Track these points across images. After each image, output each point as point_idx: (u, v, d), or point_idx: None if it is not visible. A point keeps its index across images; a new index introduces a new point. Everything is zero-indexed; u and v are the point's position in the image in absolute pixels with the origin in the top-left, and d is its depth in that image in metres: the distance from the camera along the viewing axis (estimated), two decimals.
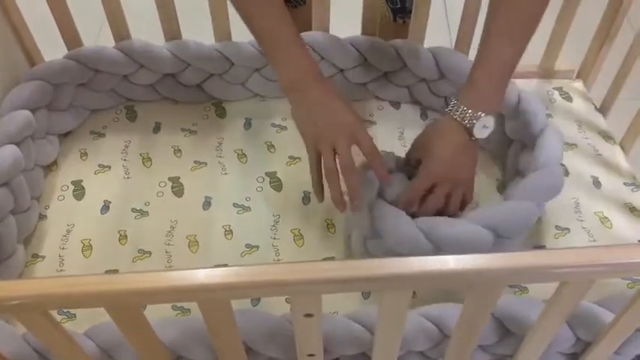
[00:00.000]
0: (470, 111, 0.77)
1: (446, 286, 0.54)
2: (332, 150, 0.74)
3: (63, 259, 0.86)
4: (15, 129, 0.87)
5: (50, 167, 0.98)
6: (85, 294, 0.51)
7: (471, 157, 0.81)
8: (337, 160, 0.75)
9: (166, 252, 0.87)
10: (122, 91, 1.05)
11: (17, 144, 0.87)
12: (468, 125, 0.77)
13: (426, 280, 0.52)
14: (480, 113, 0.77)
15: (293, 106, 0.80)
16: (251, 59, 1.02)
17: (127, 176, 0.97)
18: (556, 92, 1.11)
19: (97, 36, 1.57)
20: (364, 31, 1.05)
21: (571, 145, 1.02)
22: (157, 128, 1.04)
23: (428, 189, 0.78)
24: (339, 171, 0.75)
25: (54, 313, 0.77)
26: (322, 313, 0.57)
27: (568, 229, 0.91)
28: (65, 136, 1.02)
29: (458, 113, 0.78)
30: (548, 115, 1.06)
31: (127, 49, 1.00)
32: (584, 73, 1.12)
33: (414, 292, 0.80)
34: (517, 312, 0.69)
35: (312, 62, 0.79)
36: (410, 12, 1.07)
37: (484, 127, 0.78)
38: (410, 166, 0.84)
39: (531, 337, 0.66)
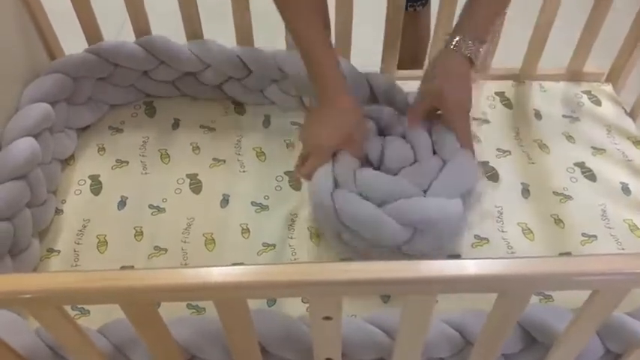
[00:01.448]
0: (474, 42, 0.81)
1: (473, 291, 0.52)
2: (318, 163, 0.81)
3: (78, 255, 0.85)
4: (33, 122, 0.87)
5: (67, 161, 0.97)
6: (99, 290, 0.49)
7: (470, 83, 0.85)
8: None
9: (182, 249, 0.86)
10: (142, 86, 1.04)
11: (35, 136, 0.86)
12: (472, 57, 0.82)
13: (452, 284, 0.50)
14: (482, 42, 0.82)
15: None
16: (270, 70, 1.00)
17: (144, 172, 0.96)
18: (584, 95, 1.08)
19: (117, 34, 1.57)
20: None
21: (599, 150, 0.99)
22: (175, 125, 1.03)
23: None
24: None
25: (67, 308, 0.77)
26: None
27: (595, 237, 0.88)
28: (83, 130, 1.01)
29: (462, 46, 0.81)
30: (575, 119, 1.04)
31: (148, 45, 0.99)
32: (613, 77, 1.09)
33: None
34: (543, 320, 0.67)
35: (337, 75, 0.83)
36: (422, 1, 1.11)
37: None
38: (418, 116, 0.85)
39: (558, 347, 0.63)
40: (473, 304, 0.75)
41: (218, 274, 0.49)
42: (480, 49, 0.82)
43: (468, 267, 0.49)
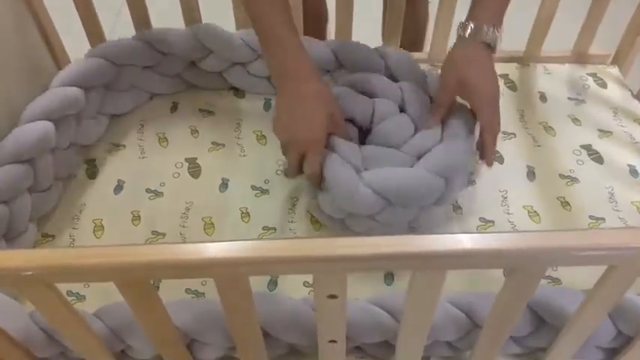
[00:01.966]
0: (490, 28, 0.78)
1: (485, 267, 0.50)
2: (298, 155, 0.76)
3: (74, 240, 0.83)
4: (56, 105, 0.84)
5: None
6: (93, 266, 0.47)
7: (494, 71, 0.82)
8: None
9: (181, 234, 0.84)
10: (188, 76, 1.01)
11: (54, 121, 0.83)
12: (491, 44, 0.79)
13: (463, 259, 0.47)
14: (498, 28, 0.79)
15: (277, 94, 0.78)
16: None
17: (142, 156, 0.94)
18: (590, 78, 1.05)
19: (113, 24, 1.54)
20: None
21: (606, 133, 0.97)
22: (174, 108, 1.00)
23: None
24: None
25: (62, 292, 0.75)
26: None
27: (603, 219, 0.86)
28: (117, 117, 0.98)
29: (479, 34, 0.78)
30: (581, 102, 1.02)
31: (198, 32, 0.96)
32: (620, 59, 1.07)
33: None
34: (554, 301, 0.65)
35: (307, 56, 0.77)
36: None
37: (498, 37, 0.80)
38: (441, 109, 0.83)
39: (570, 328, 0.61)
40: (479, 287, 0.74)
41: (218, 249, 0.47)
42: (497, 34, 0.79)
43: (480, 241, 0.47)
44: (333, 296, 0.52)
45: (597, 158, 0.94)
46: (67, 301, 0.53)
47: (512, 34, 1.07)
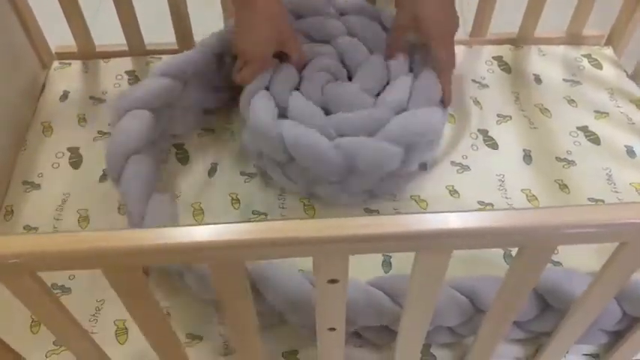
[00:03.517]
0: None
1: (494, 246, 0.48)
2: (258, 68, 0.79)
3: (57, 231, 0.80)
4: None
5: (44, 133, 0.91)
6: (78, 252, 0.44)
7: (452, 5, 0.79)
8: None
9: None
10: None
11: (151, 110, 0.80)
12: None
13: (472, 238, 0.45)
14: None
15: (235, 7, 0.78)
16: None
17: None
18: (584, 59, 1.04)
19: (92, 18, 1.49)
20: None
21: (602, 114, 0.95)
22: None
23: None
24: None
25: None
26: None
27: (603, 201, 0.85)
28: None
29: None
30: (576, 83, 1.00)
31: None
32: (614, 39, 1.05)
33: None
34: (559, 284, 0.63)
35: None
36: None
37: None
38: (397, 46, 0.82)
39: (575, 310, 0.59)
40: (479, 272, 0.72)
41: (212, 232, 0.44)
42: None
43: (489, 218, 0.44)
44: (333, 281, 0.49)
45: (594, 139, 0.92)
46: (52, 293, 0.50)
47: (506, 16, 1.06)
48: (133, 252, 0.44)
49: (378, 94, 0.80)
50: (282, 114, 0.78)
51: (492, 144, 0.91)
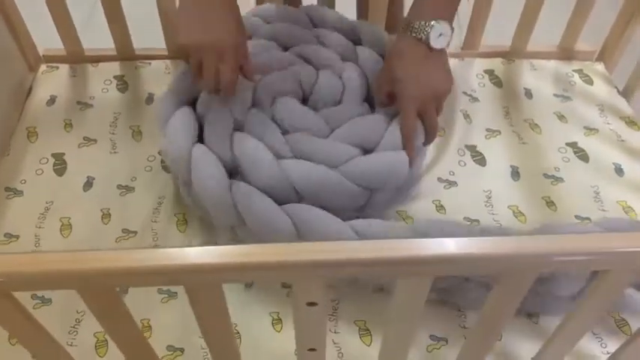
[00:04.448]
0: (422, 22, 0.73)
1: (474, 273, 0.47)
2: (215, 61, 0.70)
3: (39, 239, 0.79)
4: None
5: (29, 138, 0.90)
6: (52, 274, 0.43)
7: (439, 69, 0.76)
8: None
9: (152, 230, 0.80)
10: None
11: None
12: (423, 38, 0.74)
13: (451, 265, 0.45)
14: (431, 22, 0.73)
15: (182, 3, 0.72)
16: None
17: (113, 151, 0.89)
18: (576, 74, 1.04)
19: (86, 21, 1.48)
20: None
21: (592, 130, 0.95)
22: (149, 99, 0.96)
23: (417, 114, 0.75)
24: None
25: (27, 297, 0.71)
26: None
27: (589, 219, 0.84)
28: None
29: (411, 29, 0.74)
30: (567, 98, 1.00)
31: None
32: (605, 55, 1.05)
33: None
34: None
35: None
36: None
37: (440, 35, 0.74)
38: (383, 104, 0.79)
39: (557, 336, 0.59)
40: None
41: (189, 255, 0.44)
42: (439, 31, 0.73)
43: (470, 246, 0.44)
44: (312, 304, 0.49)
45: (583, 156, 0.92)
46: (28, 313, 0.49)
47: (498, 29, 1.05)
48: (109, 274, 0.44)
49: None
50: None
51: (480, 159, 0.90)
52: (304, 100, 0.82)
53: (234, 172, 0.74)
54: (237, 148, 0.73)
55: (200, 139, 0.76)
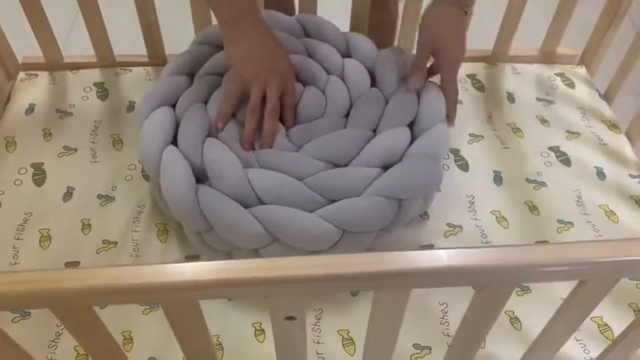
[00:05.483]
0: None
1: (452, 285, 0.47)
2: (262, 90, 0.74)
3: (17, 251, 0.78)
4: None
5: (7, 148, 0.88)
6: (25, 294, 0.42)
7: (465, 34, 0.82)
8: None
9: (133, 240, 0.79)
10: None
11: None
12: (464, 6, 0.79)
13: (428, 278, 0.45)
14: None
15: (228, 42, 0.76)
16: None
17: (94, 160, 0.88)
18: (558, 78, 1.04)
19: (66, 36, 1.47)
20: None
21: (574, 134, 0.96)
22: (130, 107, 0.95)
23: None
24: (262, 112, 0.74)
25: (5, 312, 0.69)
26: None
27: (572, 223, 0.85)
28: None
29: None
30: (549, 102, 1.00)
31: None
32: (587, 59, 1.06)
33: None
34: None
35: (254, 3, 0.78)
36: None
37: None
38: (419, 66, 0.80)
39: (537, 346, 0.59)
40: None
41: (164, 272, 0.43)
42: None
43: (445, 258, 0.44)
44: (291, 318, 0.48)
45: (565, 160, 0.92)
46: (4, 333, 0.48)
47: (480, 34, 1.05)
48: (83, 292, 0.43)
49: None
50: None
51: (463, 164, 0.90)
52: None
53: (204, 177, 0.73)
54: (206, 154, 0.73)
55: (176, 140, 0.75)
